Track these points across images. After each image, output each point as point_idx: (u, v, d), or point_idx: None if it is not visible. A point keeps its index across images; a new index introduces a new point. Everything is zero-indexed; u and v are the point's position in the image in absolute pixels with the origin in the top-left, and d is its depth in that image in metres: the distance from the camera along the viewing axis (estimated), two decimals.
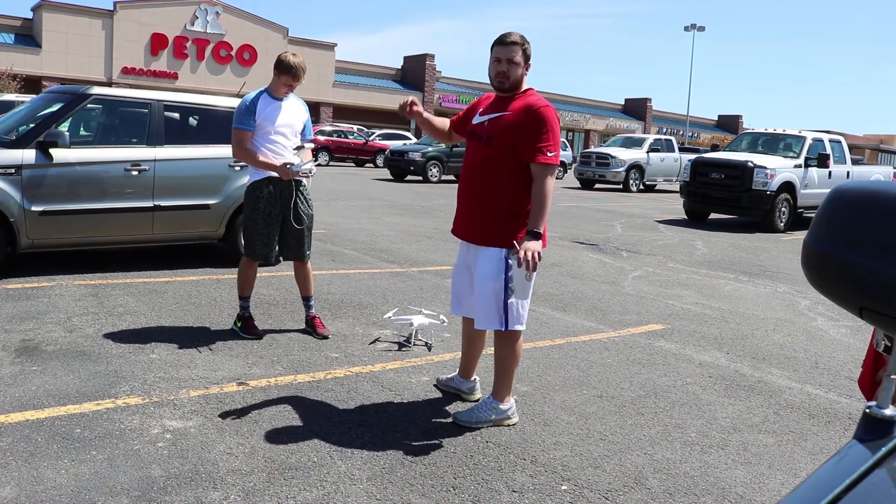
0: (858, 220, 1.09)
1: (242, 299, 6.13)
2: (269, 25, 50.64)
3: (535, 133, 4.23)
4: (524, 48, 4.38)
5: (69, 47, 43.28)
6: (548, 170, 4.24)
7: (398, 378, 5.25)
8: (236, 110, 5.93)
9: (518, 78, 4.39)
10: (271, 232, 5.98)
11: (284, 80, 5.94)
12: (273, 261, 6.10)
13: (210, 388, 4.82)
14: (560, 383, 5.36)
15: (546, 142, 4.23)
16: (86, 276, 7.79)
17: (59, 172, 7.48)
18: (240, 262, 6.16)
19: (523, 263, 4.06)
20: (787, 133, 18.78)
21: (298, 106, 6.17)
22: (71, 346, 5.49)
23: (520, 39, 4.37)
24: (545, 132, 4.23)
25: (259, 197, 5.95)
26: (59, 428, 4.05)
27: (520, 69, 4.37)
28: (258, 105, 5.91)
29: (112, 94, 8.18)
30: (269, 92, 6.01)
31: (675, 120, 75.87)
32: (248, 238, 6.03)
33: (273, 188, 5.96)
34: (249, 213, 5.98)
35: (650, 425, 4.66)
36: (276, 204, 5.98)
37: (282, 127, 5.97)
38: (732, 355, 6.41)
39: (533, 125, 4.24)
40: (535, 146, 4.22)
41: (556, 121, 4.29)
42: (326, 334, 6.17)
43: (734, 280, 10.24)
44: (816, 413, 5.10)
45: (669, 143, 30.92)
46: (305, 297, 6.30)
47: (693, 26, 58.96)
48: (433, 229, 13.54)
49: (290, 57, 5.94)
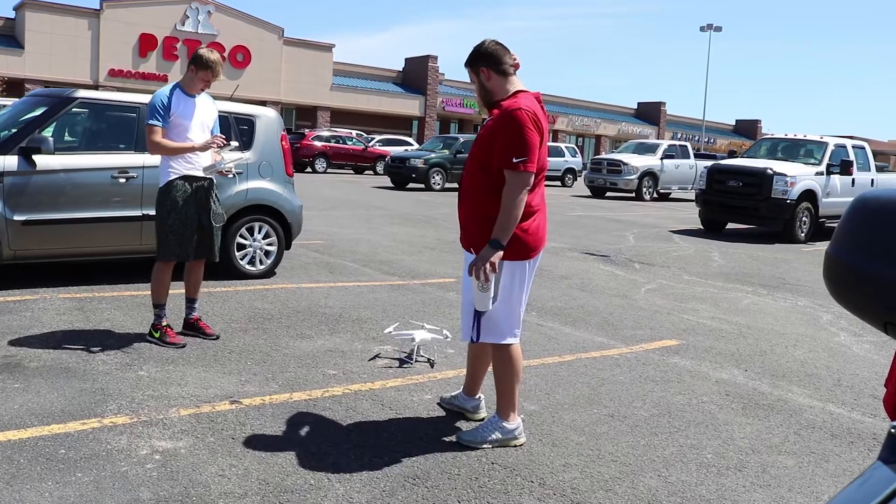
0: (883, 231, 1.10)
1: (158, 307, 6.23)
2: (264, 25, 50.81)
3: (502, 138, 4.22)
4: (471, 62, 4.46)
5: (53, 48, 43.42)
6: (513, 177, 4.21)
7: (399, 396, 5.26)
8: (149, 106, 6.08)
9: (487, 92, 4.45)
10: (187, 231, 6.15)
11: (202, 76, 6.13)
12: (191, 257, 6.26)
13: (201, 406, 4.82)
14: (569, 402, 5.36)
15: (511, 148, 4.19)
16: (71, 289, 7.81)
17: (42, 180, 7.50)
18: (154, 268, 6.26)
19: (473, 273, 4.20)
20: (809, 139, 18.78)
21: (210, 103, 6.41)
22: (55, 362, 5.50)
23: (469, 58, 4.48)
24: (510, 137, 4.20)
25: (175, 197, 6.09)
26: (42, 449, 4.05)
27: (481, 83, 4.45)
28: (173, 101, 6.06)
29: (98, 97, 8.21)
30: (181, 88, 6.16)
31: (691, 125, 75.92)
32: (162, 239, 6.17)
33: (188, 187, 6.13)
34: (165, 214, 6.11)
35: (664, 446, 4.66)
36: (192, 203, 6.15)
37: (197, 124, 6.16)
38: (751, 372, 6.41)
39: (502, 130, 4.24)
40: (502, 153, 4.22)
41: (524, 124, 4.18)
42: (216, 335, 6.38)
43: (752, 293, 10.24)
44: (839, 433, 5.10)
45: (684, 149, 30.96)
46: (192, 299, 6.49)
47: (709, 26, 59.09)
48: (436, 240, 13.56)
49: (207, 53, 6.13)
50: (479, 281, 4.18)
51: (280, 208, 8.97)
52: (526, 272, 4.45)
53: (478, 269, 4.17)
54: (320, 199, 19.91)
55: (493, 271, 4.17)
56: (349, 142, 38.56)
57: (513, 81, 4.44)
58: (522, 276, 4.45)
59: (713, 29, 59.13)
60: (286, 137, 9.32)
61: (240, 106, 8.98)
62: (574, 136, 68.58)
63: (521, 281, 4.44)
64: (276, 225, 8.97)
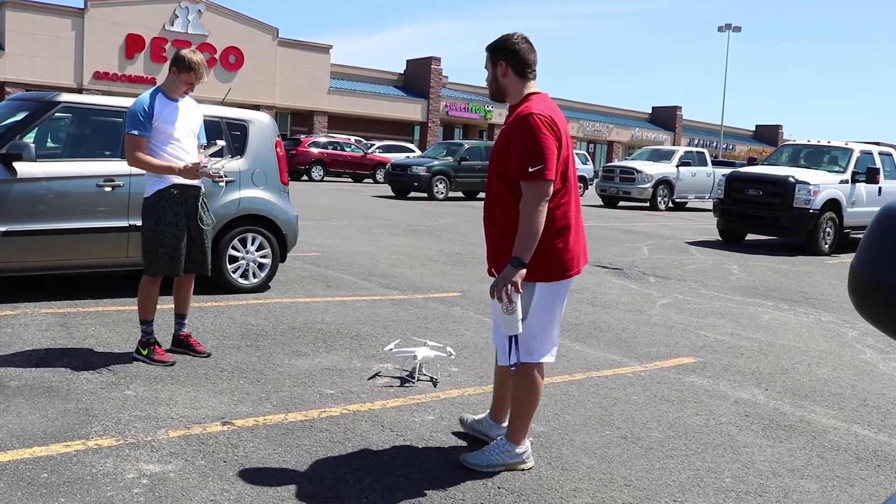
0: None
1: (145, 323, 6.23)
2: (257, 25, 51.00)
3: (516, 148, 4.16)
4: (492, 49, 4.40)
5: (35, 49, 43.58)
6: (529, 188, 4.13)
7: (400, 417, 5.26)
8: (129, 113, 6.06)
9: (499, 86, 4.41)
10: (178, 244, 6.13)
11: (185, 78, 6.11)
12: (181, 273, 6.24)
13: (191, 427, 4.83)
14: (580, 423, 5.36)
15: (525, 157, 4.11)
16: (54, 303, 7.83)
17: (23, 188, 7.52)
18: (140, 282, 6.26)
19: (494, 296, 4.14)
20: (833, 145, 18.81)
21: (194, 106, 6.39)
22: (37, 381, 5.51)
23: (492, 44, 4.42)
24: (524, 145, 4.12)
25: (164, 207, 6.08)
26: (23, 472, 4.06)
27: (495, 76, 4.40)
28: (155, 107, 6.03)
29: (83, 101, 8.23)
30: (164, 92, 6.14)
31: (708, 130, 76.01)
32: (150, 253, 6.15)
33: (177, 196, 6.11)
34: (153, 226, 6.09)
35: (680, 470, 4.66)
36: (182, 213, 6.13)
37: (182, 129, 6.13)
38: (771, 392, 6.41)
39: (514, 140, 4.19)
40: (517, 164, 4.15)
41: (538, 129, 4.10)
42: (207, 352, 6.38)
43: (773, 308, 10.25)
44: (865, 456, 5.10)
45: (701, 155, 31.00)
46: (181, 315, 6.49)
47: (728, 26, 59.24)
48: (439, 251, 13.59)
49: (190, 54, 6.11)
50: (501, 303, 4.12)
51: (274, 218, 8.98)
52: (565, 293, 4.46)
53: (499, 290, 4.09)
54: (317, 209, 19.95)
55: (517, 292, 4.09)
56: (347, 148, 38.58)
57: (529, 85, 4.37)
58: (563, 298, 4.46)
59: (732, 29, 59.27)
60: (281, 144, 9.33)
61: (232, 111, 8.98)
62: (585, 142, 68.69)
63: (561, 303, 4.46)
64: (270, 236, 8.97)
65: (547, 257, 4.24)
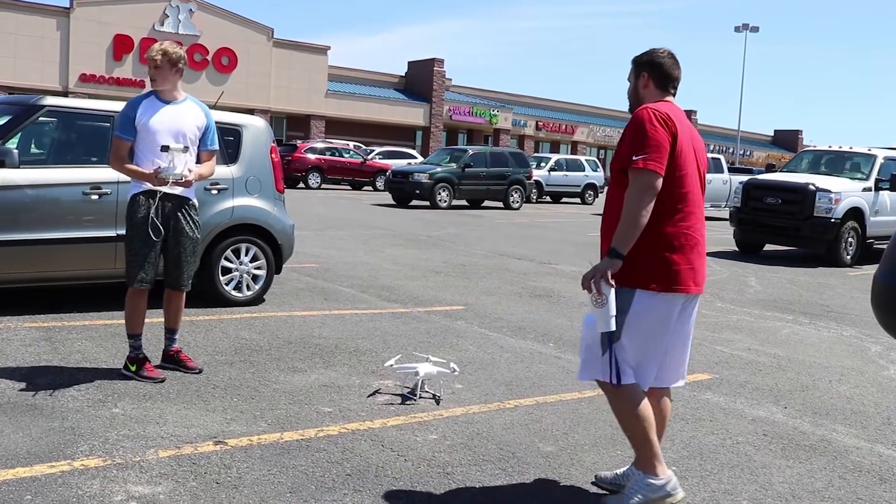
0: None
1: (133, 338, 6.22)
2: (251, 25, 51.17)
3: (628, 142, 4.15)
4: (638, 61, 4.45)
5: (18, 50, 43.74)
6: (633, 176, 4.06)
7: (402, 436, 5.27)
8: (119, 114, 6.07)
9: (638, 97, 4.42)
10: (149, 252, 6.08)
11: (150, 73, 6.11)
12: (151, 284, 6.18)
13: (182, 447, 4.84)
14: (590, 442, 5.37)
15: (632, 147, 4.09)
16: (38, 317, 7.84)
17: (5, 196, 7.53)
18: (126, 295, 6.24)
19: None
20: (855, 151, 18.79)
21: (194, 110, 6.29)
22: (20, 398, 5.52)
23: (638, 56, 4.46)
24: (632, 137, 4.12)
25: (134, 212, 6.08)
26: (5, 494, 4.07)
27: (636, 87, 4.44)
28: (139, 109, 6.01)
29: (68, 105, 8.26)
30: (156, 94, 6.15)
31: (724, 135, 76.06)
32: (126, 261, 6.16)
33: (151, 203, 6.07)
34: (128, 232, 6.12)
35: (695, 491, 4.67)
36: (156, 221, 6.07)
37: (169, 133, 6.03)
38: (791, 410, 6.41)
39: (628, 131, 4.20)
40: (625, 153, 4.13)
41: (645, 120, 4.09)
42: (199, 368, 6.38)
43: (793, 322, 10.25)
44: (889, 477, 5.10)
45: (717, 162, 31.01)
46: (171, 330, 6.47)
47: (745, 27, 59.39)
48: (442, 263, 13.60)
49: (155, 45, 6.11)
50: (591, 294, 4.04)
51: (269, 228, 8.99)
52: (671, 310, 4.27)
53: (587, 279, 4.02)
54: (314, 218, 19.97)
55: (608, 284, 3.99)
56: (346, 154, 38.65)
57: (667, 100, 4.36)
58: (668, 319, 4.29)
59: (749, 29, 59.41)
60: (276, 150, 9.35)
61: (224, 115, 8.97)
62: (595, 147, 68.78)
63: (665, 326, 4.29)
64: (264, 246, 8.98)
65: (658, 263, 4.16)
